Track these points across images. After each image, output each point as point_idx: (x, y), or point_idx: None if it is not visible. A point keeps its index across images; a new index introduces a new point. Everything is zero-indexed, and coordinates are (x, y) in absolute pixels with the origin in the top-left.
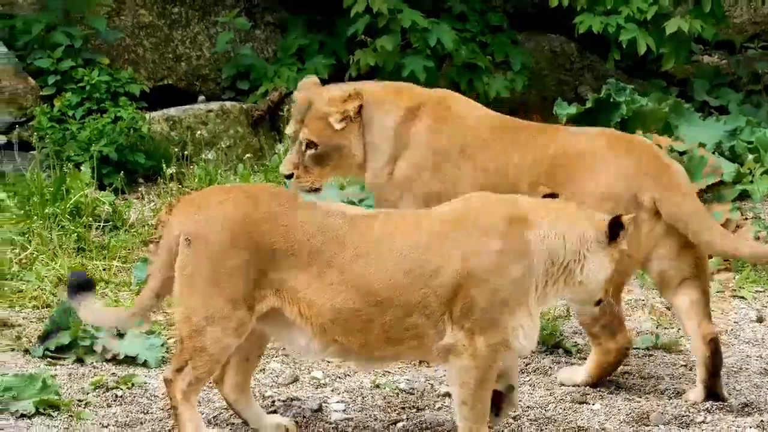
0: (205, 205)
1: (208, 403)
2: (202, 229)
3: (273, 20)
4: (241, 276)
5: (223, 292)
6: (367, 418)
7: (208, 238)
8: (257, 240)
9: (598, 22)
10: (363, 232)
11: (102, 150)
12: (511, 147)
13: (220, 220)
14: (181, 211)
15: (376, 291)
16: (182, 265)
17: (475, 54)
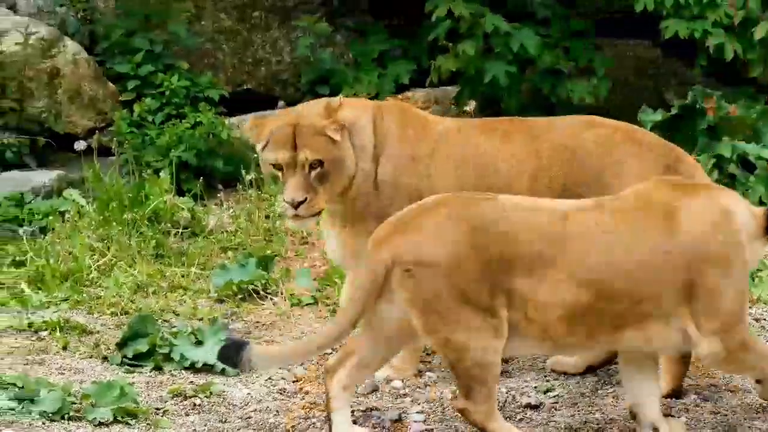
0: (416, 230)
1: (287, 412)
2: (426, 255)
3: (353, 25)
4: (480, 287)
5: (469, 306)
6: (447, 429)
7: (436, 263)
8: (483, 250)
9: (684, 27)
10: (580, 225)
11: (181, 155)
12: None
13: (441, 241)
14: (388, 241)
15: (606, 283)
16: (413, 296)
17: (558, 59)
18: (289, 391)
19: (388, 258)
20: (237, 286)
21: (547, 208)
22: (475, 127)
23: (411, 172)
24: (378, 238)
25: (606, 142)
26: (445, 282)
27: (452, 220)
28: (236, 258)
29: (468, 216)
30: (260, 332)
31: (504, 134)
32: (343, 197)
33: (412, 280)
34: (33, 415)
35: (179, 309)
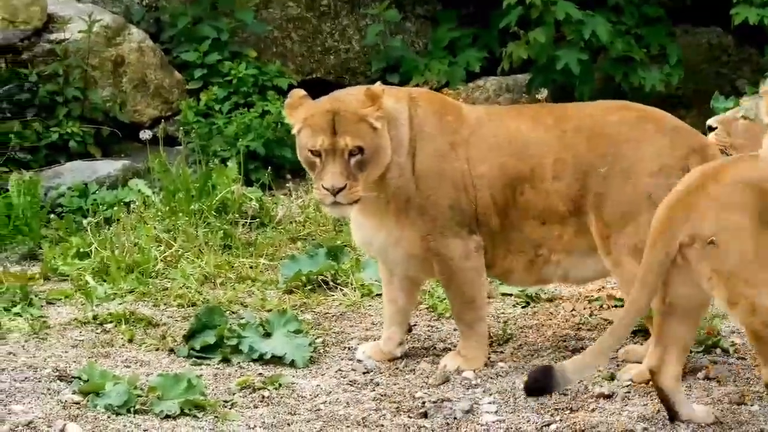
0: (709, 198)
1: (357, 404)
2: (727, 222)
3: (424, 12)
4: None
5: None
6: (519, 420)
7: (738, 228)
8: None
9: (754, 13)
10: None
11: (249, 145)
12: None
13: (736, 206)
14: (677, 219)
15: None
16: (720, 267)
17: (630, 47)
18: (359, 383)
19: (683, 235)
20: (306, 277)
21: None
22: (507, 113)
23: (453, 159)
24: (664, 219)
25: (629, 122)
26: (750, 244)
27: (734, 185)
28: (305, 248)
29: (747, 178)
30: (330, 323)
31: (532, 118)
32: (378, 187)
33: (716, 250)
34: (98, 409)
35: (247, 300)
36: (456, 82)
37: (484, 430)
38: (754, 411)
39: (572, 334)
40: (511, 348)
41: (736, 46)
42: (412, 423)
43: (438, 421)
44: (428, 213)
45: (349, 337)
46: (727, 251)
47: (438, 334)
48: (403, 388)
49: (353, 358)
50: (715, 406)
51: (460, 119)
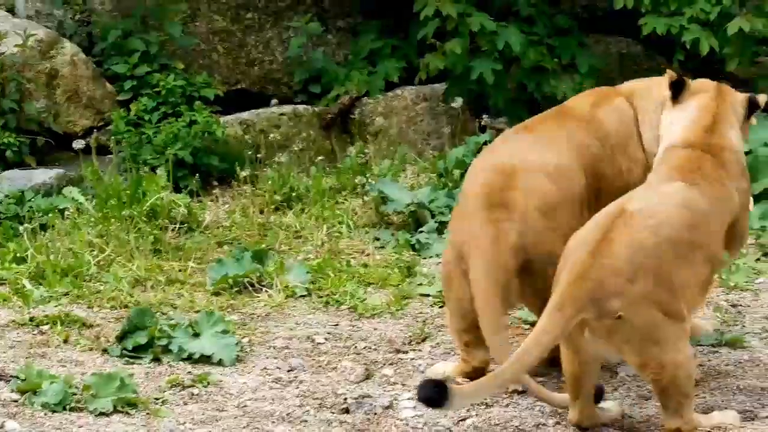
0: (608, 269)
1: (282, 401)
2: (630, 296)
3: (345, 25)
4: (671, 295)
5: (672, 321)
6: (437, 415)
7: (640, 298)
8: (662, 261)
9: (662, 23)
10: (705, 206)
11: (177, 153)
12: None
13: (638, 274)
14: (582, 296)
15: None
16: (629, 338)
17: (542, 56)
18: (284, 380)
19: (589, 311)
20: (233, 280)
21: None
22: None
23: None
24: (572, 286)
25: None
26: (652, 307)
27: (632, 253)
28: (232, 252)
29: (641, 241)
30: (256, 324)
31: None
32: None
33: (622, 323)
34: (36, 407)
35: (177, 302)
36: (375, 92)
37: (403, 424)
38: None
39: None
40: (428, 346)
41: (645, 55)
42: (334, 418)
43: (359, 416)
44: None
45: (273, 336)
46: (636, 322)
47: (359, 334)
48: (325, 385)
49: (278, 356)
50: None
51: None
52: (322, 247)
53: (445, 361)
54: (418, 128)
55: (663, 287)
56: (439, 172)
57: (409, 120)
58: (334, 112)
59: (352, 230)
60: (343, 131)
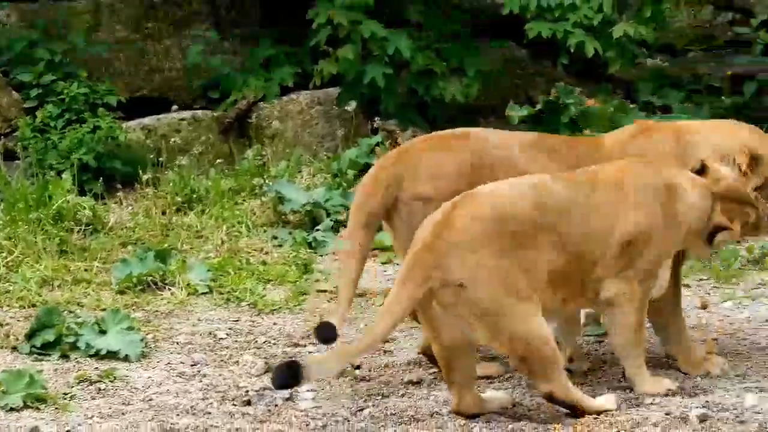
0: (449, 242)
1: (186, 394)
2: (470, 265)
3: (241, 33)
4: (518, 274)
5: (517, 297)
6: (335, 406)
7: (481, 268)
8: (505, 240)
9: (547, 28)
10: (554, 197)
11: (82, 158)
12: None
13: (477, 246)
14: (429, 260)
15: (575, 248)
16: (471, 308)
17: (431, 61)
18: (187, 375)
19: (434, 281)
20: (137, 278)
21: (540, 182)
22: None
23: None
24: (415, 262)
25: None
26: (497, 279)
27: (472, 224)
28: (135, 252)
29: (482, 214)
30: (159, 321)
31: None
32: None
33: (465, 292)
34: None
35: (83, 301)
36: (271, 97)
37: (303, 415)
38: None
39: None
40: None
41: (530, 59)
42: (236, 410)
43: (260, 408)
44: None
45: (177, 332)
46: (477, 292)
47: (259, 329)
48: (227, 378)
49: (182, 351)
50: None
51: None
52: (223, 246)
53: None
54: (313, 131)
55: (505, 261)
56: (334, 173)
57: (305, 123)
58: (232, 116)
59: (250, 230)
60: (241, 135)
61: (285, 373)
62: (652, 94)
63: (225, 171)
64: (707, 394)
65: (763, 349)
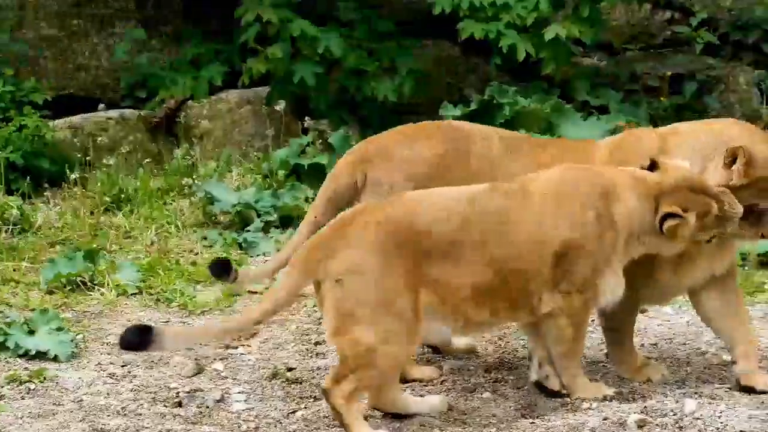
0: (342, 239)
1: (116, 395)
2: (352, 264)
3: (169, 31)
4: (403, 290)
5: (390, 312)
6: (267, 408)
7: (362, 271)
8: (404, 250)
9: (479, 28)
10: (481, 208)
11: (8, 157)
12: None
13: (368, 249)
14: (318, 252)
15: (505, 262)
16: (339, 303)
17: (362, 60)
18: (118, 375)
19: (317, 270)
20: (66, 279)
21: (459, 194)
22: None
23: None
24: (306, 253)
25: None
26: (370, 290)
27: (374, 230)
28: (64, 252)
29: (384, 223)
30: (89, 321)
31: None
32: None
33: (340, 288)
34: None
35: (12, 301)
36: (200, 96)
37: (234, 417)
38: (486, 397)
39: (314, 328)
40: (258, 342)
41: (464, 58)
42: (168, 412)
43: (192, 409)
44: None
45: (107, 333)
46: (352, 292)
47: None
48: (158, 379)
49: (112, 352)
50: (449, 394)
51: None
52: (152, 247)
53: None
54: (242, 130)
55: (392, 271)
56: (264, 174)
57: (234, 123)
58: (160, 115)
59: (180, 230)
60: (170, 134)
61: (135, 336)
62: (589, 94)
63: (154, 171)
64: (646, 400)
65: (702, 354)
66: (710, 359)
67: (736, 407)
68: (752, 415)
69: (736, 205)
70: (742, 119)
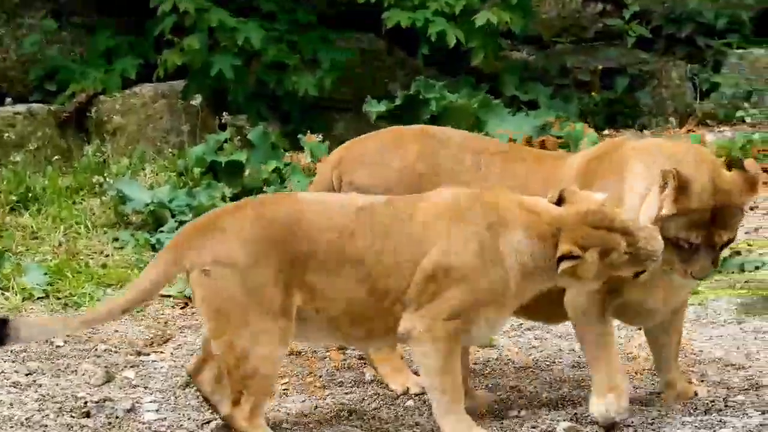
0: (217, 230)
1: (21, 405)
2: (224, 255)
3: (80, 22)
4: (273, 288)
5: (260, 309)
6: (180, 418)
7: (233, 263)
8: (280, 249)
9: (406, 17)
10: (366, 222)
11: None
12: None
13: (240, 241)
14: (189, 240)
15: (378, 280)
16: (208, 297)
17: (283, 52)
18: (22, 384)
19: (187, 261)
20: None
21: (349, 203)
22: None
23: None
24: (177, 240)
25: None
26: (239, 285)
27: (251, 222)
28: None
29: (265, 217)
30: None
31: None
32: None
33: (207, 281)
34: None
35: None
36: (112, 90)
37: (146, 428)
38: (409, 406)
39: None
40: (171, 348)
41: (388, 51)
42: (75, 423)
43: (101, 420)
44: None
45: None
46: (219, 284)
47: (99, 336)
48: (65, 389)
49: (16, 360)
50: (372, 402)
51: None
52: (60, 248)
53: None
54: (157, 126)
55: (263, 271)
56: (179, 171)
57: (148, 118)
58: (70, 110)
59: (90, 231)
60: (80, 130)
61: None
62: (518, 89)
63: (63, 168)
64: (576, 407)
65: (634, 359)
66: (642, 363)
67: (668, 413)
68: (685, 421)
69: (654, 242)
70: (674, 115)
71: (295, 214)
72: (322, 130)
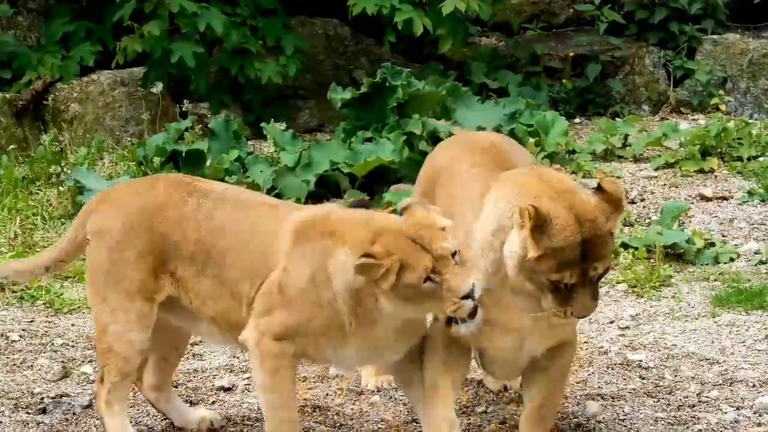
0: (110, 200)
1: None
2: (101, 224)
3: (36, 7)
4: (137, 267)
5: (119, 286)
6: (139, 414)
7: (104, 233)
8: (153, 229)
9: (372, 3)
10: (237, 221)
11: None
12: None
13: (115, 213)
14: (93, 205)
15: (235, 283)
16: (87, 264)
17: (246, 38)
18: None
19: (88, 223)
20: None
21: (233, 199)
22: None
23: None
24: (88, 204)
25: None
26: (105, 256)
27: (133, 196)
28: None
29: (148, 194)
30: None
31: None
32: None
33: (88, 247)
34: None
35: None
36: (69, 77)
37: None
38: (375, 401)
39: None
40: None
41: (354, 37)
42: (30, 419)
43: (57, 416)
44: None
45: None
46: (93, 254)
47: (56, 330)
48: (21, 384)
49: None
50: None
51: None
52: (16, 240)
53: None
54: (115, 114)
55: (127, 253)
56: (139, 160)
57: (106, 106)
58: (26, 98)
59: (47, 222)
60: (36, 118)
61: None
62: (487, 76)
63: (19, 158)
64: None
65: (605, 353)
66: (613, 358)
67: (640, 409)
68: (658, 417)
69: (460, 280)
70: (648, 103)
71: (170, 202)
72: (286, 118)
